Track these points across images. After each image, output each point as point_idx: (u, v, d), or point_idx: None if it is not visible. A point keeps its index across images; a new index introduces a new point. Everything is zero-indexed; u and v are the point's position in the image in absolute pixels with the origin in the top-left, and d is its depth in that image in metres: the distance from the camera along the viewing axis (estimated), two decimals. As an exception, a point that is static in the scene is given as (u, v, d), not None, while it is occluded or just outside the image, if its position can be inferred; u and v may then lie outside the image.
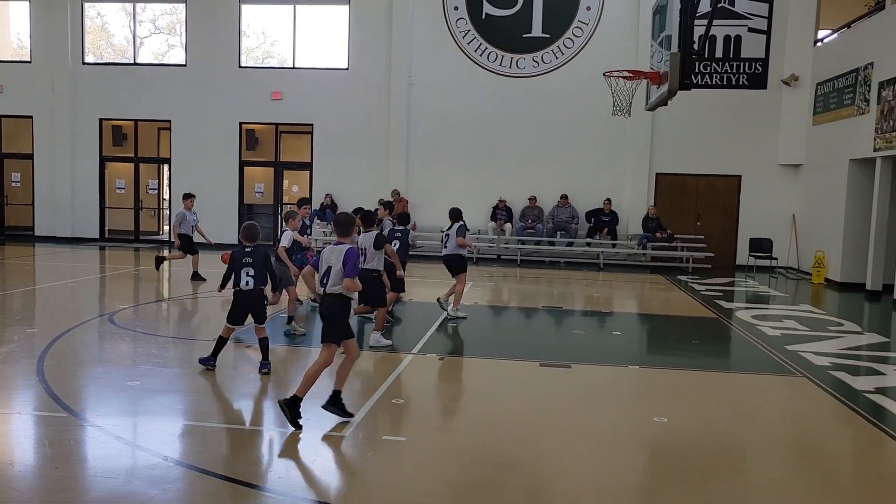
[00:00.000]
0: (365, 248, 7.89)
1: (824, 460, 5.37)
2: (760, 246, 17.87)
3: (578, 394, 6.83)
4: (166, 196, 21.83)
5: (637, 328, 10.95)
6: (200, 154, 20.11)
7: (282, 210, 21.35)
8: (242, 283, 6.65)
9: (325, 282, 5.49)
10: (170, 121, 20.25)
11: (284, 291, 8.99)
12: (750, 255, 17.88)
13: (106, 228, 21.05)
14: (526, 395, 6.73)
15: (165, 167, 21.32)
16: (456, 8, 19.17)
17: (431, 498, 4.36)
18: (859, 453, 5.63)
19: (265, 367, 6.85)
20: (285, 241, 8.78)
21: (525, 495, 4.46)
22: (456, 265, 10.24)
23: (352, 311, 6.28)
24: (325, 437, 5.30)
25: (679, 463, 5.06)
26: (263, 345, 6.90)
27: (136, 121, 20.67)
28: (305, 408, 5.39)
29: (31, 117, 20.49)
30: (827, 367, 7.97)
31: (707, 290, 14.35)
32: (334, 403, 5.50)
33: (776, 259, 17.75)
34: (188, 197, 13.63)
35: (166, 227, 22.03)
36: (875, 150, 14.10)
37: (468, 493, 4.46)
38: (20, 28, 21.81)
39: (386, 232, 9.31)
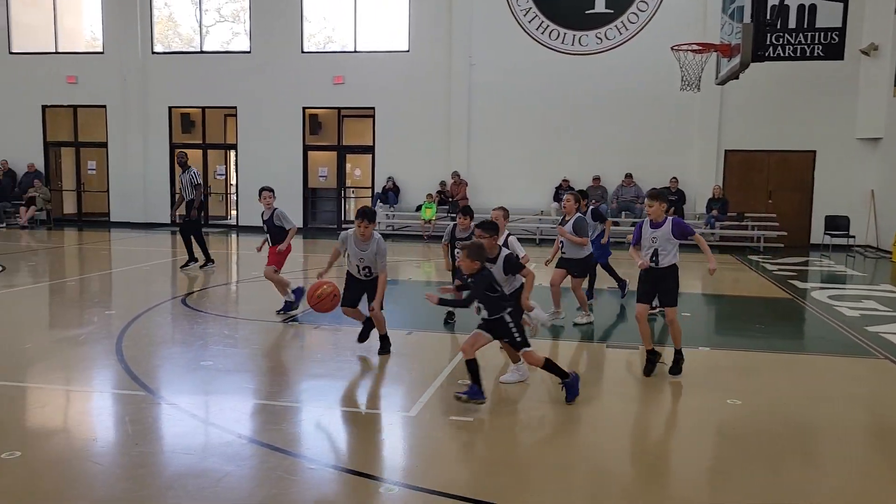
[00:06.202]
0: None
1: (910, 446, 5.13)
2: (836, 224, 17.20)
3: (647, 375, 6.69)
4: (233, 181, 22.35)
5: (706, 309, 10.67)
6: (266, 139, 20.49)
7: (345, 193, 21.58)
8: None
9: (654, 259, 6.32)
10: (235, 107, 20.69)
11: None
12: (825, 234, 17.23)
13: (176, 214, 21.65)
14: (594, 377, 6.64)
15: (232, 153, 21.83)
16: (516, -15, 18.92)
17: (498, 477, 4.34)
18: (948, 439, 5.35)
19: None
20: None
21: (591, 476, 4.41)
22: None
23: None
24: (392, 417, 5.35)
25: (752, 445, 4.92)
26: None
27: (203, 108, 21.20)
28: (375, 387, 5.43)
29: (104, 107, 21.25)
30: (911, 349, 7.62)
31: (780, 269, 13.88)
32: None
33: (853, 237, 17.06)
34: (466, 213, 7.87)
35: (233, 212, 22.58)
36: (963, 120, 13.34)
37: (533, 474, 4.43)
38: (93, 20, 22.57)
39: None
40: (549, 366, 5.58)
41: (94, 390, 5.95)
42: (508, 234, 7.00)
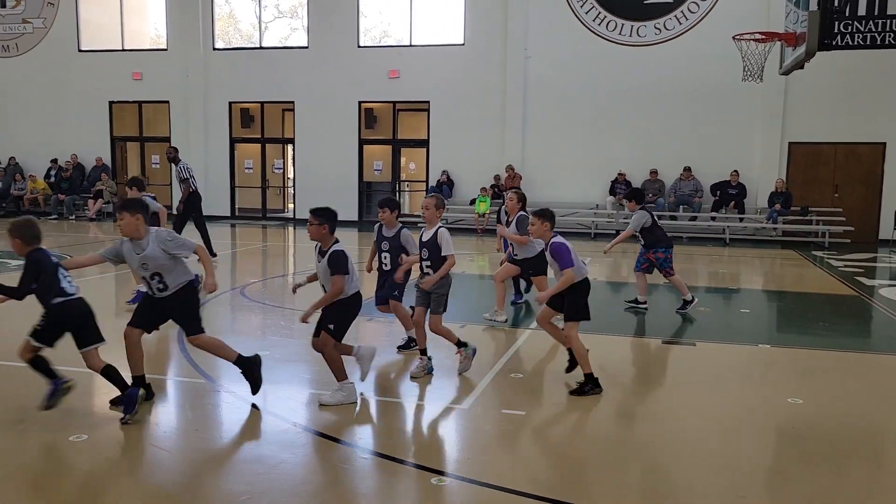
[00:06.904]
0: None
1: (984, 451, 4.90)
2: (907, 219, 16.54)
3: (705, 372, 6.56)
4: (290, 175, 22.71)
5: (767, 305, 10.40)
6: (322, 133, 20.75)
7: (400, 187, 21.71)
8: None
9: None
10: (293, 102, 21.00)
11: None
12: (895, 229, 16.57)
13: (236, 206, 22.18)
14: (649, 373, 6.54)
15: (289, 147, 22.20)
16: (573, -24, 18.69)
17: (550, 472, 4.32)
18: None
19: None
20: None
21: (648, 473, 4.34)
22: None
23: None
24: (445, 409, 5.37)
25: (814, 446, 4.77)
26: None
27: (262, 103, 21.59)
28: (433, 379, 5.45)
29: (167, 102, 21.83)
30: None
31: (846, 266, 13.43)
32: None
33: (926, 233, 16.39)
34: None
35: (290, 205, 22.96)
36: None
37: (586, 469, 4.39)
38: (157, 18, 23.20)
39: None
40: (109, 373, 4.76)
41: (157, 377, 6.13)
42: (440, 227, 6.15)
